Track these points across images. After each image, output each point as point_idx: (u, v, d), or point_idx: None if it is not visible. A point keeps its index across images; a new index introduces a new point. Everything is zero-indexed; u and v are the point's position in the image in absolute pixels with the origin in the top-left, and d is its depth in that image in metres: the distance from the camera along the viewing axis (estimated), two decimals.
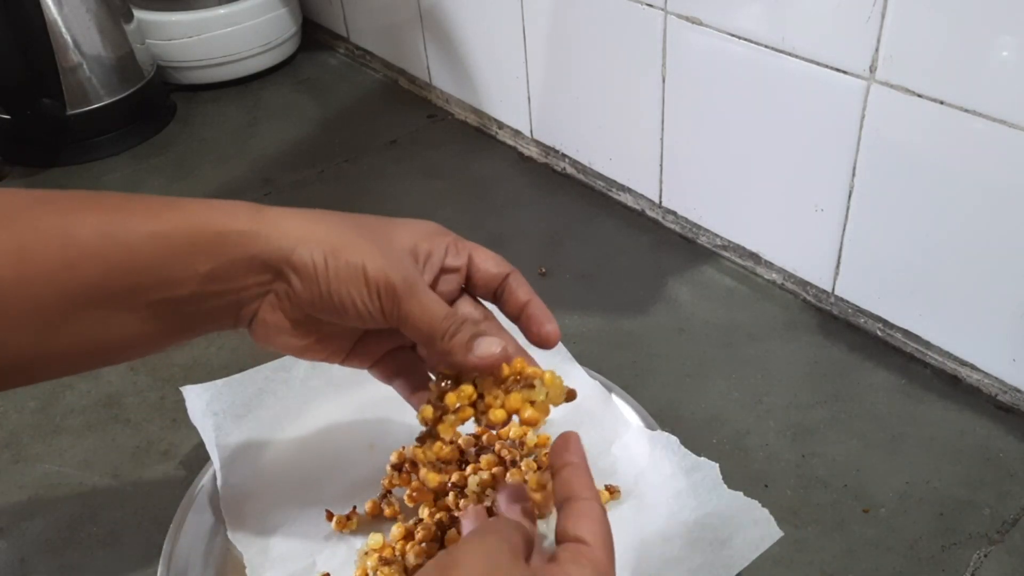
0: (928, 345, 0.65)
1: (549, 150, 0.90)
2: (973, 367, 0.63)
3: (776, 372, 0.66)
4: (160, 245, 0.40)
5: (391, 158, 0.95)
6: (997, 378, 0.62)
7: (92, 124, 0.98)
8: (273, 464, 0.59)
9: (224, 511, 0.55)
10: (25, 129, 0.97)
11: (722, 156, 0.73)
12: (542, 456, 0.57)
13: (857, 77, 0.60)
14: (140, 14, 1.04)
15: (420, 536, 0.52)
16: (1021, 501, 0.56)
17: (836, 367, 0.66)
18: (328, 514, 0.55)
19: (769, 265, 0.74)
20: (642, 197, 0.83)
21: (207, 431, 0.59)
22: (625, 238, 0.81)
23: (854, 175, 0.64)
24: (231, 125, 1.04)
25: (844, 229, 0.66)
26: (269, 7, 1.09)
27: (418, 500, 0.54)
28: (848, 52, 0.60)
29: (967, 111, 0.55)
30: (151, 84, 1.03)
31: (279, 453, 0.59)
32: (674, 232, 0.81)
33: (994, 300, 0.60)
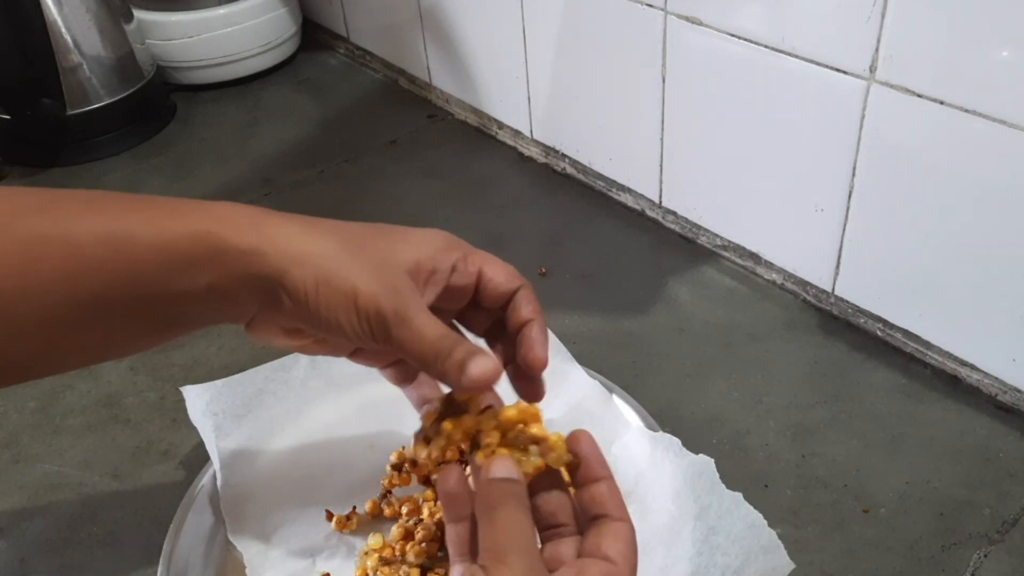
0: (928, 345, 0.65)
1: (549, 150, 0.90)
2: (973, 367, 0.63)
3: (776, 372, 0.66)
4: (161, 257, 0.40)
5: (391, 158, 0.95)
6: (997, 378, 0.62)
7: (92, 124, 0.98)
8: (273, 464, 0.59)
9: (224, 511, 0.55)
10: (25, 129, 0.97)
11: (722, 156, 0.73)
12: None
13: (857, 77, 0.60)
14: (140, 14, 1.04)
15: (420, 536, 0.52)
16: (1021, 501, 0.56)
17: (836, 367, 0.66)
18: (328, 514, 0.55)
19: (769, 265, 0.74)
20: (642, 197, 0.83)
21: (207, 431, 0.59)
22: (625, 238, 0.81)
23: (854, 175, 0.64)
24: (231, 125, 1.04)
25: (844, 229, 0.66)
26: (269, 7, 1.09)
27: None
28: (848, 52, 0.60)
29: (967, 111, 0.55)
30: (151, 84, 1.03)
31: (279, 453, 0.59)
32: (674, 232, 0.81)
33: (994, 300, 0.60)
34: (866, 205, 0.64)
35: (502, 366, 0.42)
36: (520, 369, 0.46)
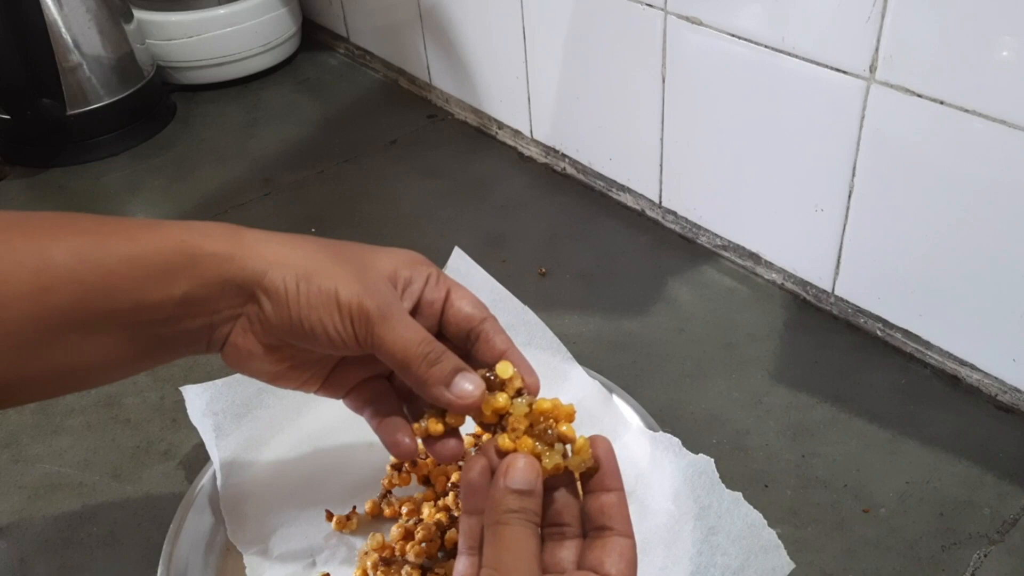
0: (928, 345, 0.65)
1: (549, 150, 0.90)
2: (973, 367, 0.63)
3: (776, 372, 0.66)
4: (136, 267, 0.40)
5: (391, 158, 0.95)
6: (997, 378, 0.62)
7: (92, 124, 0.98)
8: (273, 464, 0.59)
9: (224, 511, 0.55)
10: (25, 129, 0.97)
11: (722, 156, 0.73)
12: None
13: (857, 77, 0.60)
14: (140, 14, 1.04)
15: (420, 536, 0.52)
16: (1021, 501, 0.56)
17: (836, 367, 0.66)
18: (328, 514, 0.55)
19: (769, 265, 0.74)
20: (642, 197, 0.83)
21: (207, 431, 0.59)
22: (625, 238, 0.81)
23: (854, 175, 0.64)
24: (231, 125, 1.04)
25: (844, 229, 0.66)
26: (269, 7, 1.09)
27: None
28: (848, 52, 0.60)
29: (967, 111, 0.55)
30: (151, 84, 1.03)
31: (279, 453, 0.59)
32: (674, 232, 0.81)
33: (994, 300, 0.60)
34: (866, 205, 0.64)
35: (482, 389, 0.43)
36: None
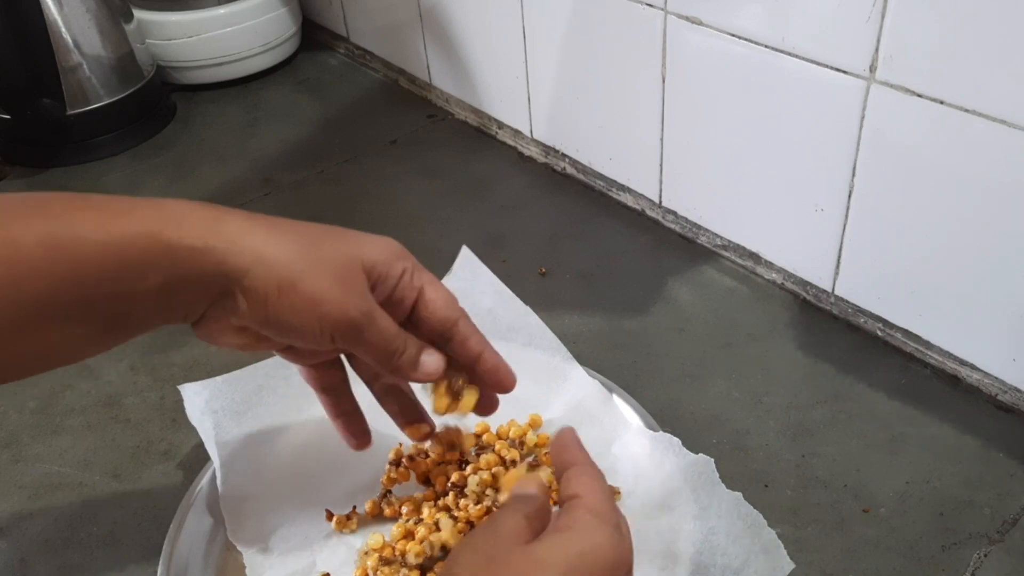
0: (928, 345, 0.65)
1: (549, 150, 0.90)
2: (973, 367, 0.63)
3: (776, 372, 0.66)
4: (109, 258, 0.39)
5: (391, 158, 0.95)
6: (997, 378, 0.62)
7: (92, 124, 0.98)
8: (273, 463, 0.59)
9: (224, 511, 0.55)
10: (25, 129, 0.97)
11: (722, 156, 0.73)
12: (542, 456, 0.57)
13: (857, 77, 0.60)
14: (140, 14, 1.04)
15: (420, 536, 0.52)
16: (1021, 501, 0.56)
17: (836, 367, 0.66)
18: (328, 514, 0.55)
19: (769, 265, 0.74)
20: (642, 197, 0.83)
21: (206, 429, 0.59)
22: (625, 238, 0.81)
23: (854, 175, 0.64)
24: (231, 125, 1.04)
25: (844, 229, 0.66)
26: (269, 7, 1.09)
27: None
28: (848, 52, 0.60)
29: (967, 111, 0.55)
30: (151, 84, 1.03)
31: (279, 452, 0.59)
32: (674, 232, 0.81)
33: (994, 300, 0.60)
34: (866, 205, 0.64)
35: (443, 360, 0.46)
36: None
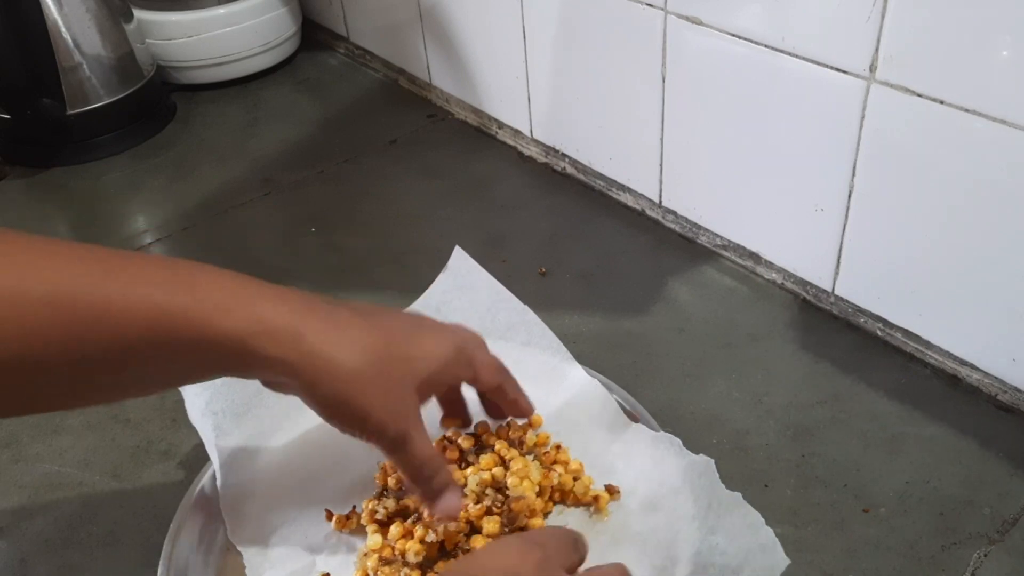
0: (928, 345, 0.65)
1: (549, 150, 0.90)
2: (973, 367, 0.63)
3: (776, 372, 0.66)
4: (202, 354, 0.43)
5: (391, 158, 0.95)
6: (997, 378, 0.62)
7: (92, 124, 0.98)
8: (273, 464, 0.59)
9: (223, 511, 0.55)
10: (25, 129, 0.97)
11: (722, 156, 0.73)
12: (542, 455, 0.57)
13: (857, 77, 0.60)
14: (140, 14, 1.04)
15: (419, 535, 0.52)
16: (1021, 501, 0.56)
17: (836, 367, 0.66)
18: (328, 514, 0.55)
19: (769, 265, 0.74)
20: (642, 197, 0.83)
21: (206, 431, 0.59)
22: (625, 238, 0.81)
23: (854, 175, 0.64)
24: (231, 125, 1.04)
25: (844, 229, 0.66)
26: (269, 7, 1.09)
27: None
28: (848, 52, 0.60)
29: (967, 111, 0.55)
30: (151, 84, 1.03)
31: (279, 452, 0.59)
32: (674, 232, 0.81)
33: (994, 300, 0.60)
34: (866, 205, 0.64)
35: (461, 506, 0.51)
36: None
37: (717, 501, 0.52)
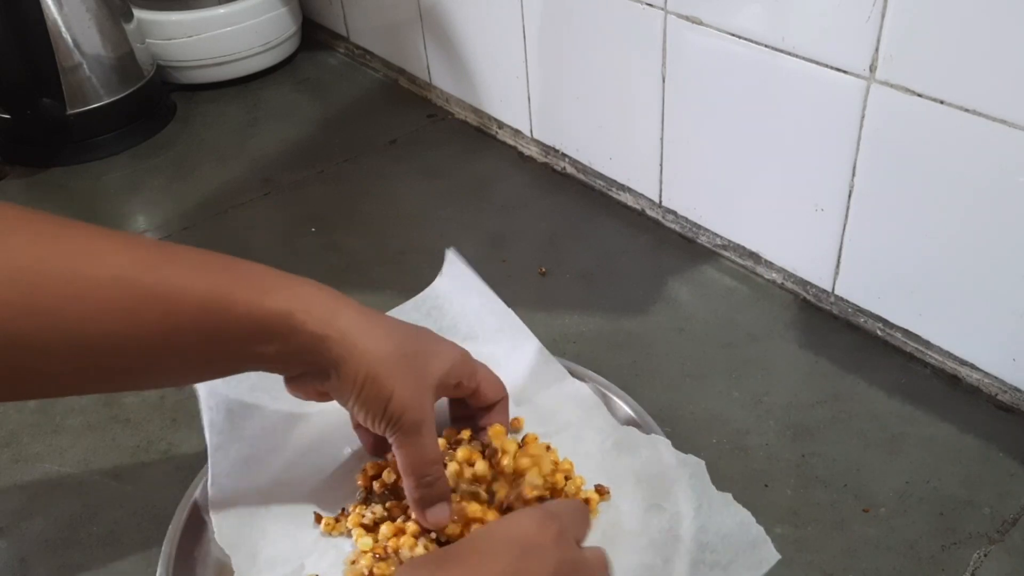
0: (928, 345, 0.65)
1: (549, 150, 0.90)
2: (973, 367, 0.63)
3: (776, 372, 0.66)
4: (249, 328, 0.47)
5: (391, 158, 0.95)
6: (997, 378, 0.62)
7: (92, 124, 0.98)
8: (261, 465, 0.58)
9: (212, 513, 0.54)
10: (25, 129, 0.97)
11: (722, 156, 0.73)
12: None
13: (857, 77, 0.60)
14: (140, 14, 1.04)
15: (412, 530, 0.52)
16: (1021, 501, 0.56)
17: (836, 367, 0.66)
18: (317, 516, 0.55)
19: (769, 265, 0.74)
20: (642, 197, 0.83)
21: (206, 426, 0.58)
22: (625, 238, 0.81)
23: (854, 175, 0.64)
24: (231, 125, 1.04)
25: (844, 229, 0.66)
26: (269, 7, 1.09)
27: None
28: (848, 52, 0.60)
29: (967, 111, 0.55)
30: (151, 84, 1.03)
31: (268, 454, 0.58)
32: (674, 232, 0.81)
33: (994, 300, 0.60)
34: (866, 205, 0.64)
35: (450, 519, 0.52)
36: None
37: (708, 501, 0.52)
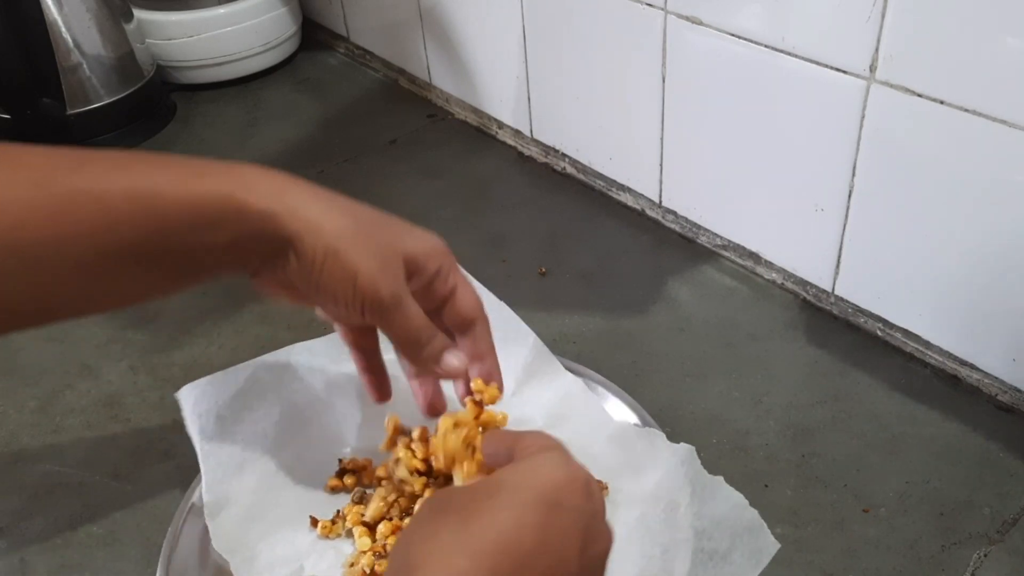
0: (928, 345, 0.65)
1: (549, 150, 0.90)
2: (973, 367, 0.63)
3: (776, 372, 0.66)
4: (187, 215, 0.43)
5: (391, 158, 0.95)
6: (997, 378, 0.62)
7: (92, 124, 0.98)
8: (256, 467, 0.57)
9: (207, 518, 0.54)
10: (25, 129, 0.97)
11: (722, 156, 0.73)
12: None
13: (857, 77, 0.60)
14: (140, 14, 1.04)
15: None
16: (1021, 501, 0.56)
17: (836, 367, 0.66)
18: (313, 520, 0.54)
19: (769, 265, 0.74)
20: (642, 197, 0.83)
21: (194, 434, 0.57)
22: (625, 238, 0.81)
23: (854, 175, 0.64)
24: (231, 125, 1.04)
25: (844, 229, 0.66)
26: (269, 7, 1.09)
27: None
28: (848, 52, 0.60)
29: (967, 111, 0.55)
30: (151, 84, 1.03)
31: (262, 456, 0.58)
32: (674, 232, 0.81)
33: (994, 300, 0.60)
34: (866, 205, 0.64)
35: (466, 364, 0.50)
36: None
37: (700, 486, 0.52)
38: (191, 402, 0.59)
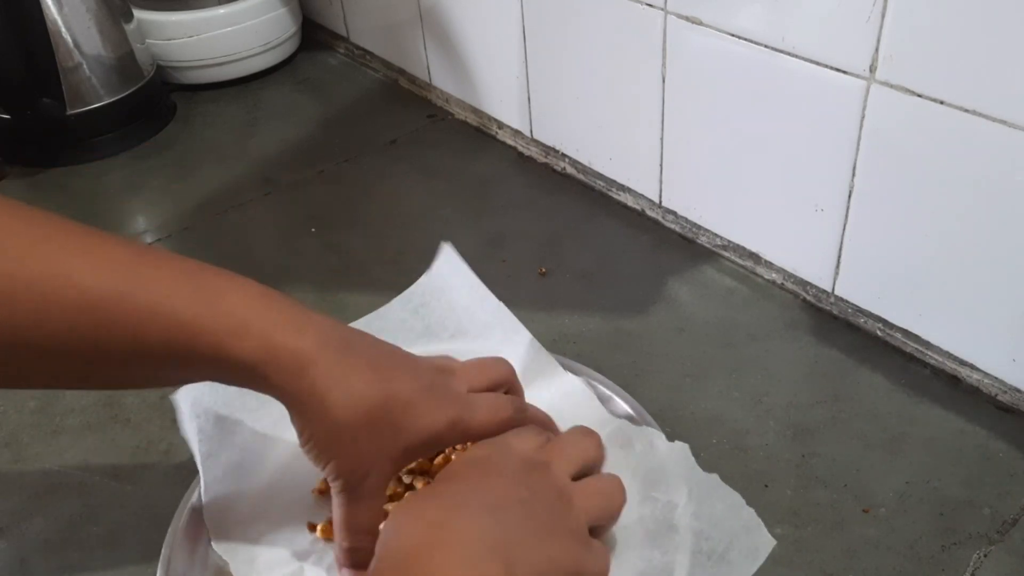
0: (928, 345, 0.65)
1: (549, 150, 0.90)
2: (973, 367, 0.63)
3: (776, 372, 0.66)
4: (219, 369, 0.45)
5: (391, 158, 0.95)
6: (997, 378, 0.62)
7: (92, 124, 0.98)
8: (255, 468, 0.57)
9: (207, 519, 0.54)
10: (25, 129, 0.97)
11: (722, 156, 0.73)
12: None
13: (857, 77, 0.60)
14: (140, 14, 1.04)
15: None
16: (1021, 501, 0.56)
17: (836, 367, 0.66)
18: (310, 526, 0.54)
19: (769, 265, 0.74)
20: (642, 197, 0.83)
21: (192, 436, 0.57)
22: (625, 238, 0.81)
23: (854, 175, 0.64)
24: (231, 125, 1.04)
25: (844, 229, 0.66)
26: (269, 7, 1.09)
27: None
28: (848, 52, 0.60)
29: (967, 111, 0.55)
30: (151, 84, 1.03)
31: (261, 457, 0.58)
32: (674, 232, 0.81)
33: (994, 300, 0.60)
34: (866, 205, 0.64)
35: None
36: None
37: (696, 485, 0.52)
38: (189, 402, 0.59)
